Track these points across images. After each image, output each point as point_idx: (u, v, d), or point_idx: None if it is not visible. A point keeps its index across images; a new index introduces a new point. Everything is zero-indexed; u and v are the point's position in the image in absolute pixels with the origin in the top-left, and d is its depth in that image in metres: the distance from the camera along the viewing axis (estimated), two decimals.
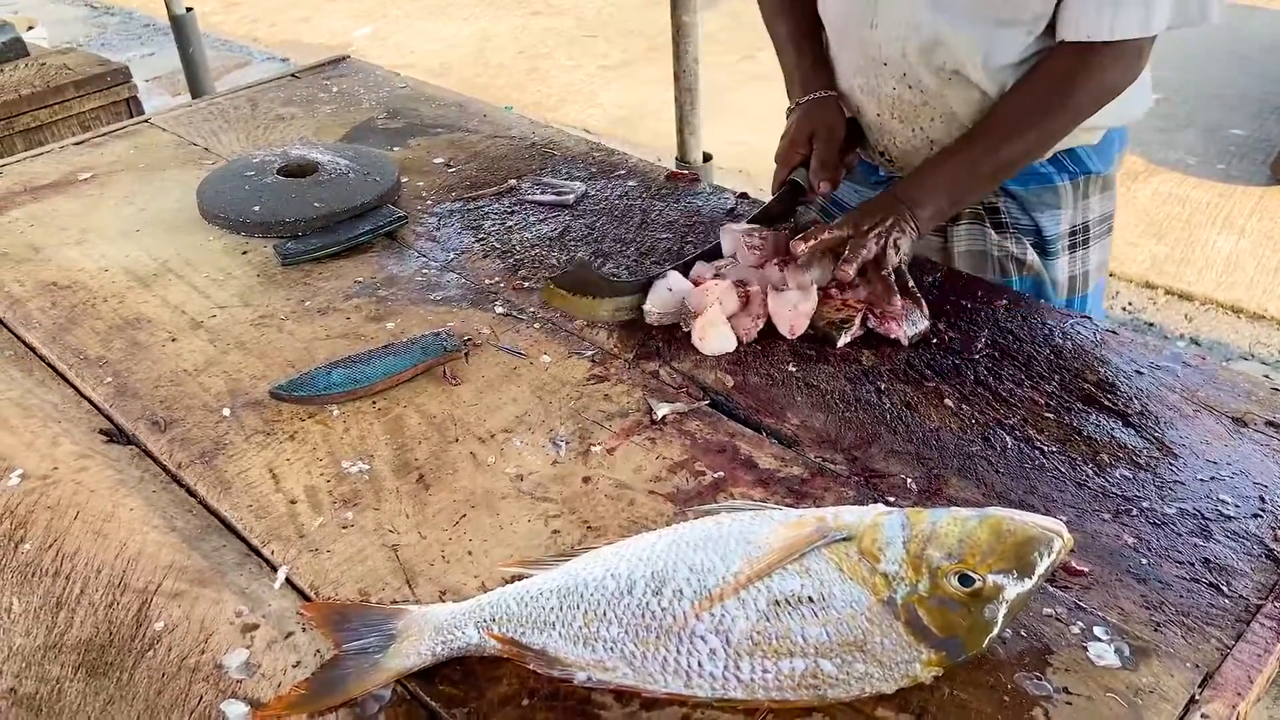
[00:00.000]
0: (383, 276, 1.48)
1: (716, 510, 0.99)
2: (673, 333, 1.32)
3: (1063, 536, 0.86)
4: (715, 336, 1.28)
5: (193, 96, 3.98)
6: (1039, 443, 1.12)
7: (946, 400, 1.19)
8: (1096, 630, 0.89)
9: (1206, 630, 0.89)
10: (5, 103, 2.57)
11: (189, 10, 3.93)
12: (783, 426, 1.16)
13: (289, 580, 0.99)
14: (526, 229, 1.59)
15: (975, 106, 1.39)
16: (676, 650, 0.83)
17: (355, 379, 1.22)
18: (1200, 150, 4.16)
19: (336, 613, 0.92)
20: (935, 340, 1.29)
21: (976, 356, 1.26)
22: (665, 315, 1.33)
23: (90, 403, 1.25)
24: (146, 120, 2.04)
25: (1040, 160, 1.42)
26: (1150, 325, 3.21)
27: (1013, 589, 0.83)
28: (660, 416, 1.17)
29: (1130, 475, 1.07)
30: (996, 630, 0.83)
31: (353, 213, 1.60)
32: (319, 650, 0.91)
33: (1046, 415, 1.16)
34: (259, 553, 1.02)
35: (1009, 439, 1.12)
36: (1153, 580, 0.94)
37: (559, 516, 1.04)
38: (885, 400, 1.19)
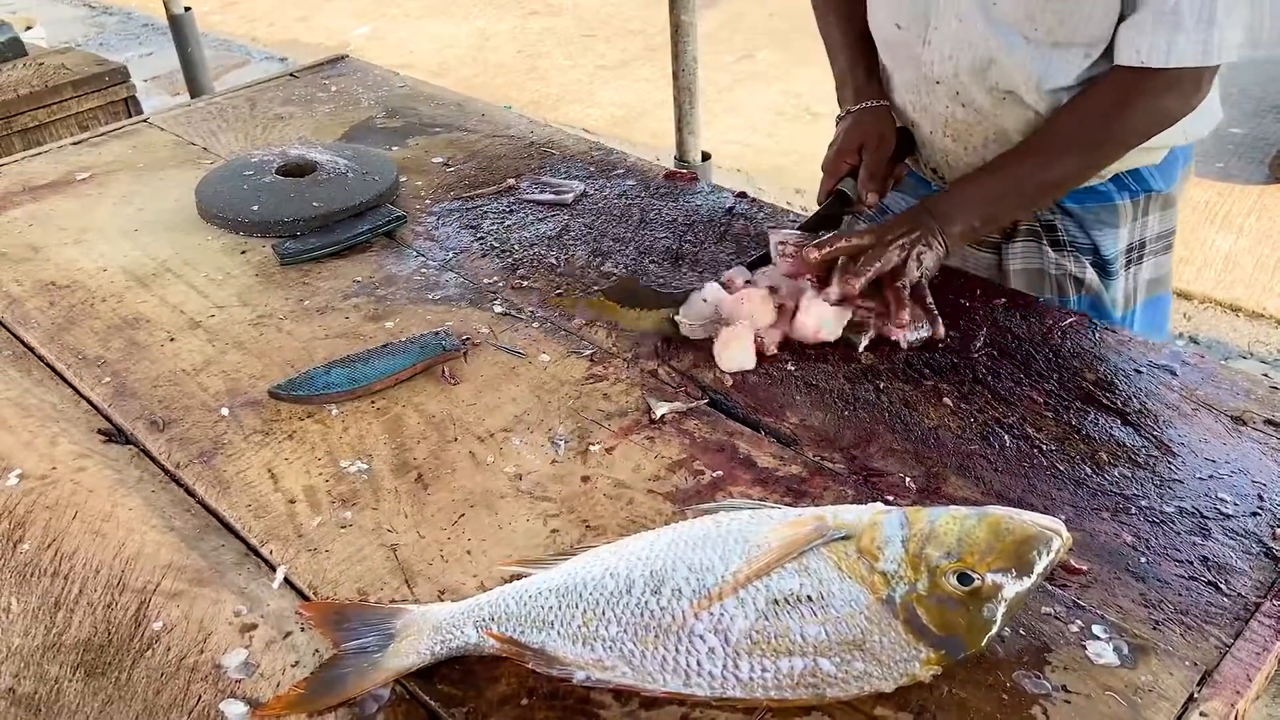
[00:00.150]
0: (381, 276, 1.48)
1: (715, 509, 0.99)
2: (688, 339, 1.30)
3: (1061, 535, 0.86)
4: (738, 351, 1.24)
5: (191, 96, 3.98)
6: (1038, 441, 1.12)
7: (945, 399, 1.19)
8: (1095, 629, 0.89)
9: (1205, 628, 0.89)
10: (3, 102, 2.57)
11: (187, 10, 3.92)
12: (781, 425, 1.16)
13: (288, 580, 0.99)
14: (525, 228, 1.59)
15: (1027, 127, 1.35)
16: (675, 649, 0.83)
17: (354, 378, 1.22)
18: (1198, 149, 4.15)
19: (335, 612, 0.92)
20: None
21: (975, 355, 1.26)
22: (696, 327, 1.29)
23: (89, 402, 1.25)
24: (145, 120, 2.04)
25: (1092, 183, 1.38)
26: None
27: (1011, 587, 0.83)
28: (659, 415, 1.17)
29: (1129, 474, 1.07)
30: (995, 629, 0.83)
31: (351, 212, 1.60)
32: (318, 650, 0.91)
33: (1045, 414, 1.16)
34: (258, 552, 1.02)
35: (1008, 438, 1.12)
36: (1151, 578, 0.94)
37: (558, 516, 1.04)
38: (884, 399, 1.19)
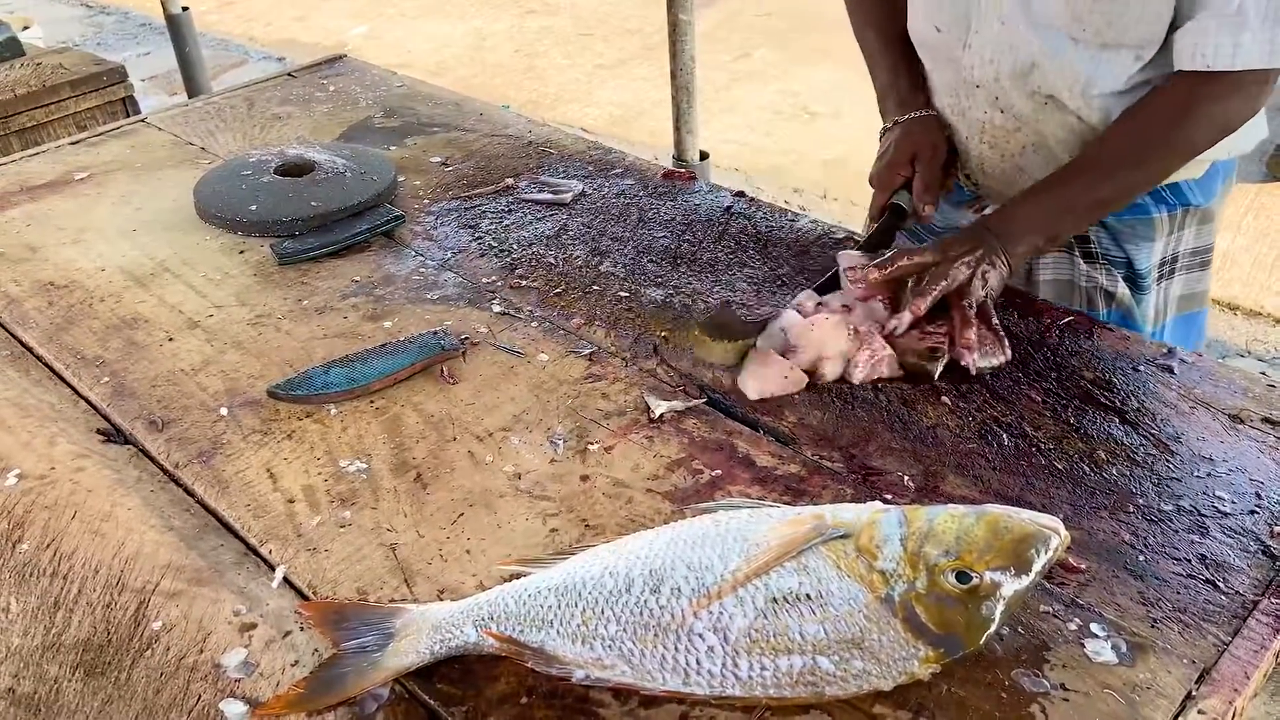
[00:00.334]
0: (380, 276, 1.48)
1: (714, 508, 0.99)
2: (670, 332, 1.32)
3: (1060, 533, 0.86)
4: (768, 379, 1.20)
5: (189, 96, 3.98)
6: (1036, 440, 1.12)
7: (944, 398, 1.19)
8: (1094, 627, 0.89)
9: (1203, 626, 0.90)
10: (1, 102, 2.57)
11: (185, 9, 3.92)
12: (780, 424, 1.16)
13: (287, 579, 0.99)
14: (524, 228, 1.59)
15: (1069, 134, 1.32)
16: (674, 648, 0.83)
17: (353, 378, 1.22)
18: None
19: (334, 612, 0.92)
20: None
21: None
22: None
23: (87, 402, 1.25)
24: (143, 120, 2.04)
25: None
26: None
27: (1010, 586, 0.83)
28: (658, 415, 1.17)
29: (1127, 472, 1.07)
30: (994, 627, 0.83)
31: (350, 212, 1.60)
32: (317, 649, 0.91)
33: (1043, 412, 1.16)
34: (257, 552, 1.02)
35: (1006, 436, 1.13)
36: (1150, 577, 0.95)
37: (557, 515, 1.04)
38: (882, 398, 1.19)
